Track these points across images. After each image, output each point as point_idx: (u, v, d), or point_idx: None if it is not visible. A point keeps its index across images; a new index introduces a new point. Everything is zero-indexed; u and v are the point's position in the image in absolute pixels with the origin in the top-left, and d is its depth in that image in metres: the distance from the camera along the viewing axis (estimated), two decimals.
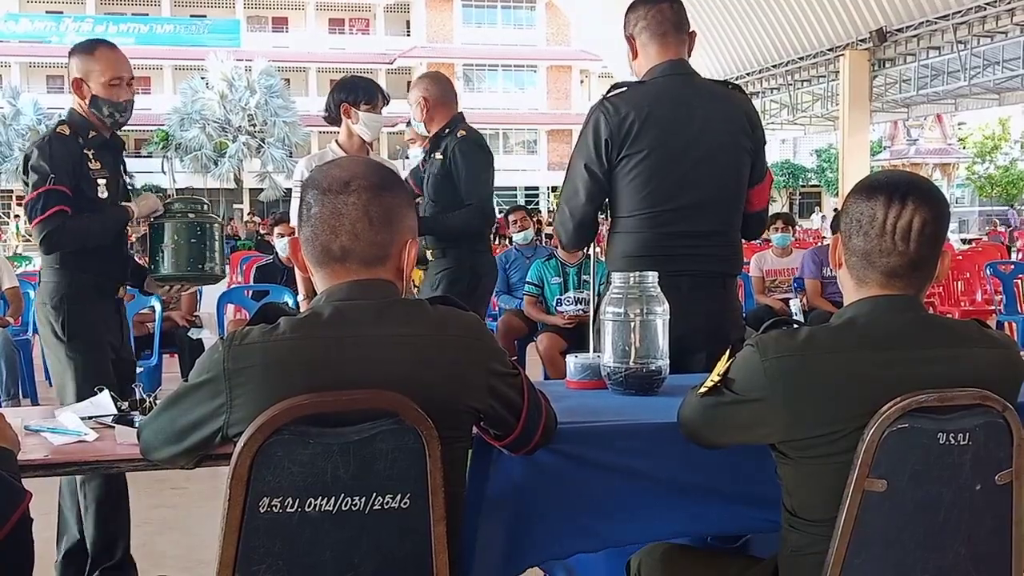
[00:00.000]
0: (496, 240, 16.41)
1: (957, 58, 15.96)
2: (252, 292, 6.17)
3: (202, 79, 36.56)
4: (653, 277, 2.19)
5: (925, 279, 1.61)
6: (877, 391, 1.50)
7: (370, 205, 1.52)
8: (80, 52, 2.95)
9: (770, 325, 1.65)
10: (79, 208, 2.86)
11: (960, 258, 9.22)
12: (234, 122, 36.59)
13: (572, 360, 2.32)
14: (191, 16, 41.77)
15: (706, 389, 1.67)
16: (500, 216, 9.76)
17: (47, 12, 40.20)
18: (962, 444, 1.50)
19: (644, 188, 2.56)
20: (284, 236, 6.45)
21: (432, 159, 3.78)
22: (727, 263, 2.67)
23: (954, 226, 28.91)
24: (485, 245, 3.94)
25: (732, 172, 2.64)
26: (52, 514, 2.93)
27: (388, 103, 3.79)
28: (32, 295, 5.24)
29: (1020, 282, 7.50)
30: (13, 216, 30.53)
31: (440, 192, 3.74)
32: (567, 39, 42.18)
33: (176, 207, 3.05)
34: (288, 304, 4.74)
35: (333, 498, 1.39)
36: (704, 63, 19.88)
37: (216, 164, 36.90)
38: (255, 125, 36.61)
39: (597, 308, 2.35)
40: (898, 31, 16.50)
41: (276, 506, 1.37)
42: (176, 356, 6.04)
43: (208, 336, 5.81)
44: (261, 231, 21.34)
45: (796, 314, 6.22)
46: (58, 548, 2.96)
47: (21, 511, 1.42)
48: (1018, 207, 37.58)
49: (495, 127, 39.30)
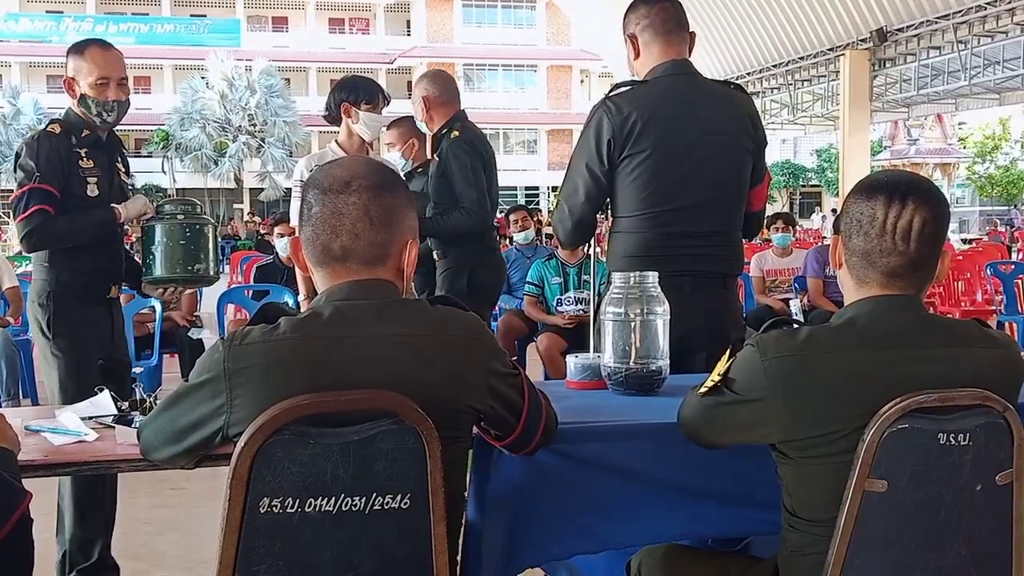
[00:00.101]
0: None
1: (957, 58, 15.95)
2: (252, 292, 6.16)
3: (202, 79, 36.55)
4: (653, 277, 2.19)
5: (925, 279, 1.61)
6: (877, 391, 1.50)
7: (371, 205, 1.52)
8: (72, 51, 2.97)
9: (770, 325, 1.65)
10: (67, 206, 2.87)
11: (960, 258, 9.21)
12: (234, 122, 36.59)
13: (572, 360, 2.32)
14: (191, 16, 41.77)
15: (706, 389, 1.67)
16: (500, 216, 9.76)
17: (47, 12, 40.20)
18: (962, 444, 1.50)
19: (646, 188, 2.55)
20: (284, 236, 6.45)
21: (434, 159, 3.80)
22: (728, 263, 2.67)
23: (954, 226, 28.91)
24: (486, 244, 3.93)
25: (734, 172, 2.63)
26: (52, 514, 2.92)
27: (389, 103, 3.79)
28: None
29: (1020, 282, 7.49)
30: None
31: (440, 194, 3.75)
32: (567, 39, 42.18)
33: (166, 208, 3.05)
34: (288, 304, 4.74)
35: (333, 498, 1.38)
36: (704, 63, 19.86)
37: (216, 164, 36.89)
38: (255, 125, 36.61)
39: (597, 308, 2.35)
40: (898, 31, 16.48)
41: (276, 506, 1.37)
42: (176, 356, 6.04)
43: (208, 336, 5.81)
44: (261, 231, 21.36)
45: (796, 314, 6.20)
46: (58, 548, 2.96)
47: (21, 511, 1.42)
48: (1020, 207, 37.55)
49: (495, 127, 39.29)
